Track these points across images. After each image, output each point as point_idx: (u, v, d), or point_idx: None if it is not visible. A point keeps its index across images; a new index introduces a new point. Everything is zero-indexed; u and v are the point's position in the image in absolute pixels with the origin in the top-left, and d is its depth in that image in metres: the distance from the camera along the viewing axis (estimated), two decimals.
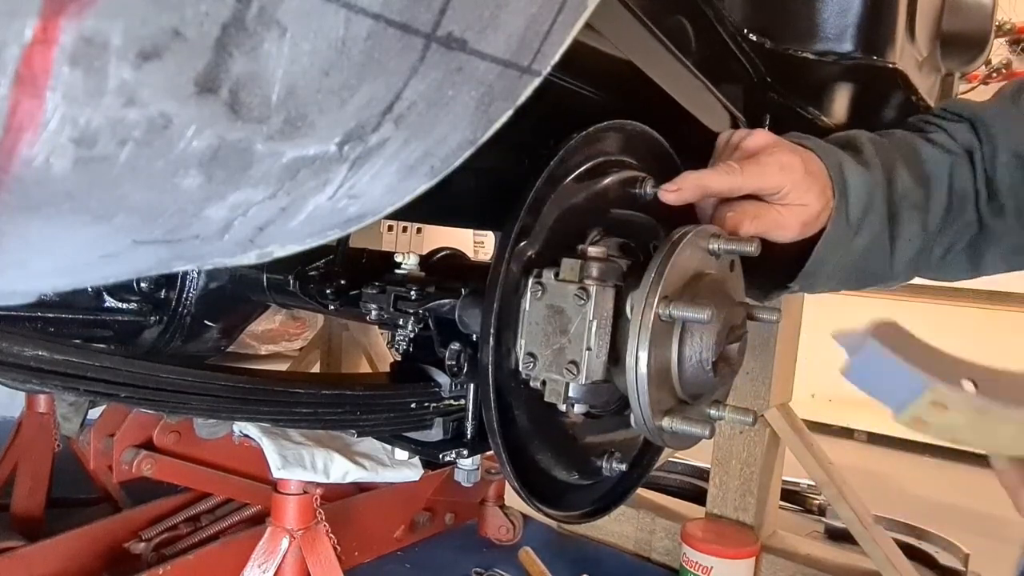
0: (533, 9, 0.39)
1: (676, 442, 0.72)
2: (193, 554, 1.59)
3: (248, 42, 0.29)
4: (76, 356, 0.57)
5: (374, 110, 0.36)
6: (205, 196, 0.35)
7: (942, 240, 0.93)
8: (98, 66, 0.26)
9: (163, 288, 1.11)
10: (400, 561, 2.01)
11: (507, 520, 2.12)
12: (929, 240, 0.92)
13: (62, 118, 0.27)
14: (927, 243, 0.92)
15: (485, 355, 0.68)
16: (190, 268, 1.06)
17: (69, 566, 1.59)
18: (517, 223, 0.68)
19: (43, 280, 0.44)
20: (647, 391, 0.66)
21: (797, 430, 1.91)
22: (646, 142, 0.81)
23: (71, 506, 1.96)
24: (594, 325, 0.66)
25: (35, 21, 0.24)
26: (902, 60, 1.09)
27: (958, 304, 3.67)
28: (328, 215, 0.42)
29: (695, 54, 1.03)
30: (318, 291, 1.04)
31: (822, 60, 1.06)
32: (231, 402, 0.70)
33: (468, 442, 0.84)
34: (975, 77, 3.27)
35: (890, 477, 3.27)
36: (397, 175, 0.42)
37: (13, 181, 0.28)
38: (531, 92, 0.43)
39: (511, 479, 0.72)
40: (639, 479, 0.91)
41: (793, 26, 1.06)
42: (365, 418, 0.81)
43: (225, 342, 1.22)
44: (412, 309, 0.86)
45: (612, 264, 0.70)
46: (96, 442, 1.55)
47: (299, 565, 1.44)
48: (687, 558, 1.87)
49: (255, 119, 0.32)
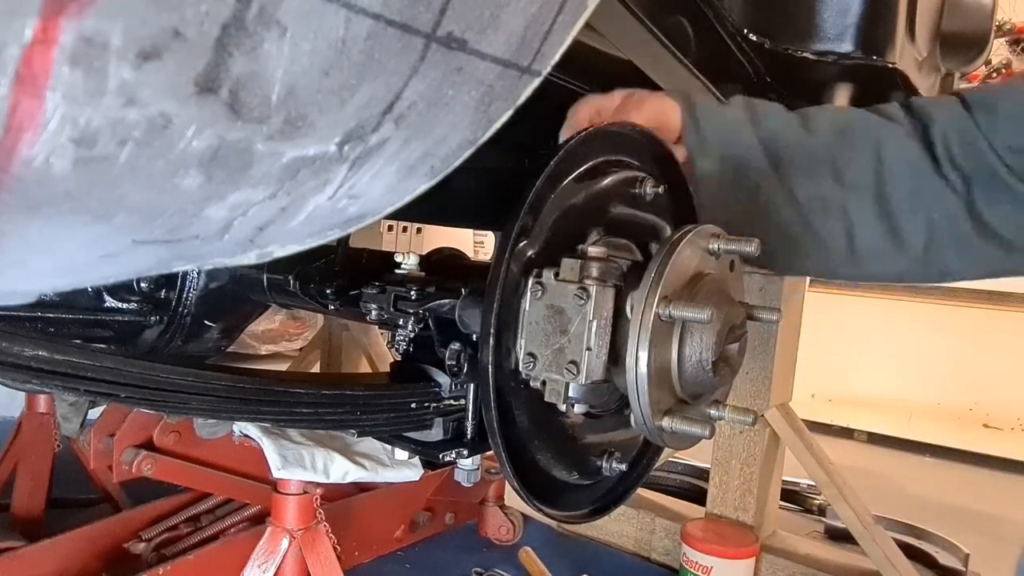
0: (533, 9, 0.39)
1: (676, 442, 0.72)
2: (193, 554, 1.59)
3: (248, 42, 0.29)
4: (76, 356, 0.57)
5: (374, 110, 0.36)
6: (205, 196, 0.35)
7: (908, 218, 0.88)
8: (98, 66, 0.26)
9: (163, 288, 1.11)
10: (400, 561, 2.01)
11: (507, 520, 2.12)
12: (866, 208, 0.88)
13: (62, 118, 0.27)
14: (867, 213, 0.88)
15: (485, 355, 0.68)
16: (190, 268, 1.06)
17: (69, 566, 1.59)
18: (517, 223, 0.68)
19: (43, 280, 0.45)
20: (647, 391, 0.66)
21: (797, 430, 1.91)
22: (646, 142, 0.81)
23: (71, 506, 1.96)
24: (594, 325, 0.66)
25: (35, 21, 0.24)
26: (902, 60, 1.09)
27: (958, 304, 3.67)
28: (328, 215, 0.42)
29: (695, 54, 1.03)
30: (318, 291, 1.04)
31: (822, 60, 1.06)
32: (231, 402, 0.70)
33: (468, 442, 0.84)
34: (975, 77, 3.27)
35: (890, 477, 3.27)
36: (397, 175, 0.42)
37: (13, 181, 0.28)
38: (531, 92, 0.43)
39: (511, 479, 0.72)
40: (639, 479, 0.91)
41: (793, 26, 1.06)
42: (365, 418, 0.81)
43: (225, 342, 1.22)
44: (412, 309, 0.86)
45: (612, 264, 0.70)
46: (96, 442, 1.54)
47: (299, 565, 1.44)
48: (687, 558, 1.87)
49: (255, 119, 0.32)
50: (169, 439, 1.58)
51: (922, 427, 3.67)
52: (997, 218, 0.85)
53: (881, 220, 0.89)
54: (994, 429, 3.69)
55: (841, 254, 0.92)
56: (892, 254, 0.91)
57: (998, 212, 0.85)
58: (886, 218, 0.89)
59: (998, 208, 0.85)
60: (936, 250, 0.90)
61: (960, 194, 0.85)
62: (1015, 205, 0.84)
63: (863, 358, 3.94)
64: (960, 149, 0.85)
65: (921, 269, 0.93)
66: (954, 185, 0.86)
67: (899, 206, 0.88)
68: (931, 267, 0.92)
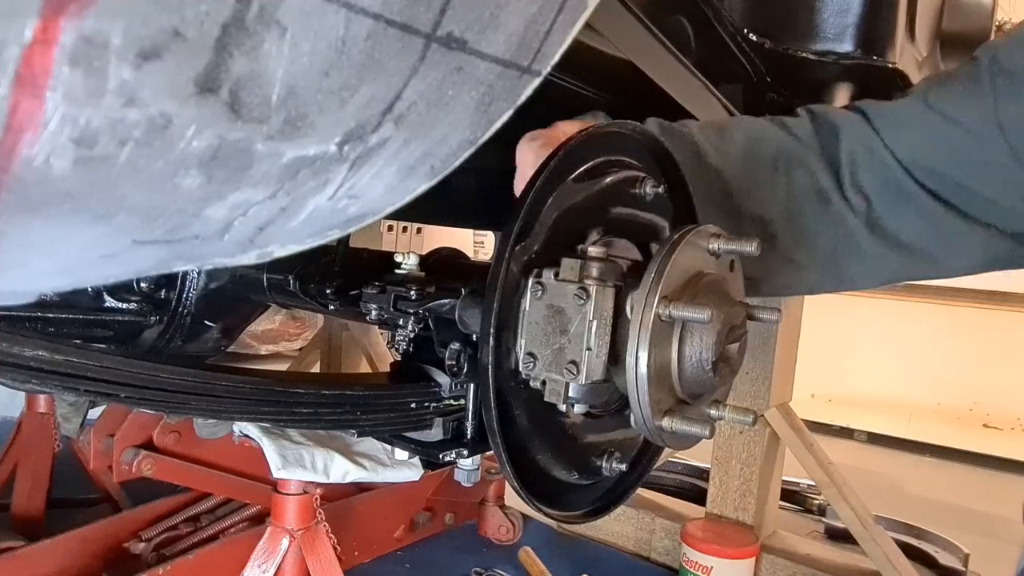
0: (533, 9, 0.39)
1: (676, 442, 0.72)
2: (193, 554, 1.59)
3: (248, 42, 0.29)
4: (76, 356, 0.57)
5: (374, 110, 0.36)
6: (205, 196, 0.35)
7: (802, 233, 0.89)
8: (98, 66, 0.26)
9: (163, 288, 1.11)
10: (400, 561, 2.01)
11: (507, 520, 2.12)
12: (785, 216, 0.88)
13: (62, 118, 0.27)
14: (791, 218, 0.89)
15: (485, 355, 0.68)
16: (190, 268, 1.06)
17: (69, 566, 1.59)
18: (517, 223, 0.68)
19: (43, 280, 0.45)
20: (647, 391, 0.66)
21: (797, 430, 1.91)
22: (646, 142, 0.81)
23: (71, 506, 1.96)
24: (594, 325, 0.66)
25: (35, 21, 0.24)
26: (902, 60, 1.09)
27: (958, 304, 3.67)
28: (328, 215, 0.42)
29: (695, 54, 1.03)
30: (318, 291, 1.04)
31: (822, 60, 1.06)
32: (231, 402, 0.70)
33: (468, 442, 0.84)
34: None
35: (890, 477, 3.27)
36: (397, 175, 0.42)
37: (13, 181, 0.28)
38: (531, 92, 0.43)
39: (511, 479, 0.72)
40: (639, 479, 0.91)
41: (793, 26, 1.06)
42: (365, 418, 0.81)
43: (225, 342, 1.22)
44: (412, 309, 0.86)
45: (612, 264, 0.70)
46: (96, 442, 1.55)
47: (299, 565, 1.44)
48: (687, 558, 1.87)
49: (255, 119, 0.32)
50: (169, 439, 1.59)
51: (922, 427, 3.67)
52: (899, 226, 0.87)
53: (792, 236, 0.90)
54: (994, 429, 3.69)
55: (762, 269, 0.92)
56: (803, 269, 0.93)
57: (901, 220, 0.87)
58: (795, 235, 0.90)
59: (903, 217, 0.87)
60: (843, 262, 0.92)
61: (860, 213, 0.87)
62: (919, 213, 0.85)
63: (863, 358, 3.95)
64: (866, 168, 0.86)
65: (830, 279, 0.95)
66: (854, 205, 0.87)
67: (806, 223, 0.90)
68: (839, 277, 0.94)
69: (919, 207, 0.85)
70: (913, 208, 0.85)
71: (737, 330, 0.73)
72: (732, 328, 0.72)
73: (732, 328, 0.72)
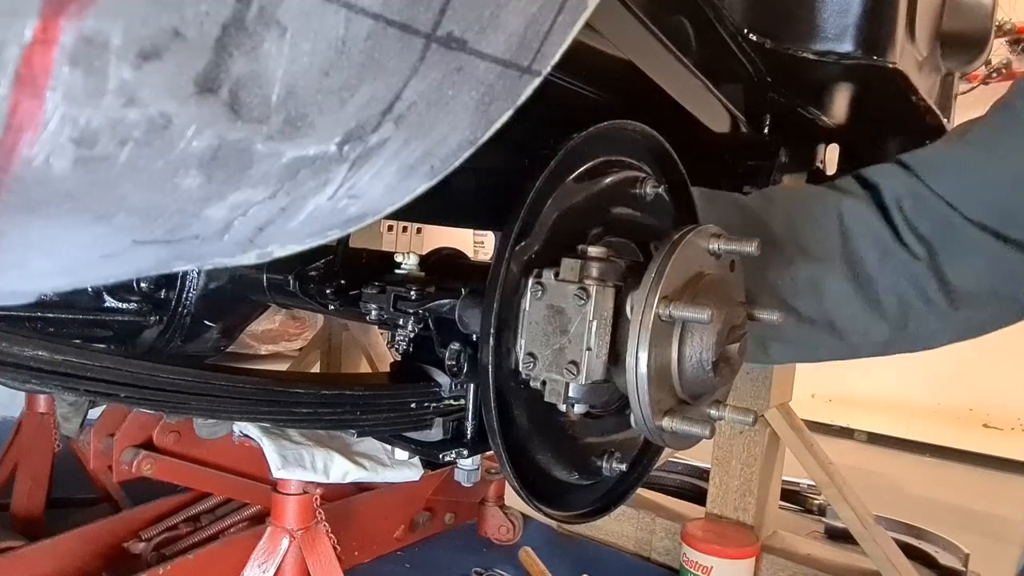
0: (533, 9, 0.39)
1: (676, 442, 0.72)
2: (193, 554, 1.59)
3: (248, 42, 0.29)
4: (76, 356, 0.57)
5: (374, 110, 0.36)
6: (205, 196, 0.35)
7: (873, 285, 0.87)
8: (98, 66, 0.26)
9: (163, 288, 1.11)
10: (400, 561, 2.00)
11: (507, 520, 2.12)
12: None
13: (62, 118, 0.27)
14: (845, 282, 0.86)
15: (485, 355, 0.68)
16: (190, 268, 1.06)
17: (69, 566, 1.59)
18: (517, 223, 0.68)
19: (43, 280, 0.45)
20: (647, 391, 0.66)
21: (797, 430, 1.91)
22: (646, 142, 0.81)
23: (71, 506, 1.96)
24: (594, 325, 0.66)
25: (35, 21, 0.24)
26: (902, 60, 1.09)
27: None
28: (328, 215, 0.42)
29: (695, 54, 1.03)
30: (318, 291, 1.04)
31: (822, 60, 1.06)
32: (231, 402, 0.70)
33: (468, 442, 0.84)
34: (975, 77, 3.27)
35: (890, 477, 3.27)
36: (397, 175, 0.42)
37: (13, 181, 0.28)
38: (531, 92, 0.43)
39: (511, 479, 0.72)
40: (639, 479, 0.91)
41: (793, 26, 1.06)
42: (365, 418, 0.81)
43: (225, 342, 1.22)
44: (412, 309, 0.86)
45: (612, 264, 0.70)
46: (96, 442, 1.54)
47: (299, 565, 1.44)
48: (687, 558, 1.87)
49: (255, 119, 0.32)
50: (169, 439, 1.58)
51: (922, 427, 3.67)
52: (964, 275, 0.85)
53: (857, 290, 0.88)
54: (994, 429, 3.69)
55: (823, 331, 0.90)
56: (873, 324, 0.90)
57: (964, 269, 0.85)
58: (860, 288, 0.88)
59: (965, 264, 0.84)
60: (913, 316, 0.88)
61: (923, 260, 0.85)
62: (984, 257, 0.83)
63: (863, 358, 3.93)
64: (915, 213, 0.85)
65: (904, 337, 0.92)
66: (914, 251, 0.85)
67: (872, 273, 0.87)
68: (914, 335, 0.91)
69: (981, 251, 0.82)
70: (975, 252, 0.83)
71: (737, 330, 0.73)
72: (732, 328, 0.72)
73: (732, 328, 0.72)
